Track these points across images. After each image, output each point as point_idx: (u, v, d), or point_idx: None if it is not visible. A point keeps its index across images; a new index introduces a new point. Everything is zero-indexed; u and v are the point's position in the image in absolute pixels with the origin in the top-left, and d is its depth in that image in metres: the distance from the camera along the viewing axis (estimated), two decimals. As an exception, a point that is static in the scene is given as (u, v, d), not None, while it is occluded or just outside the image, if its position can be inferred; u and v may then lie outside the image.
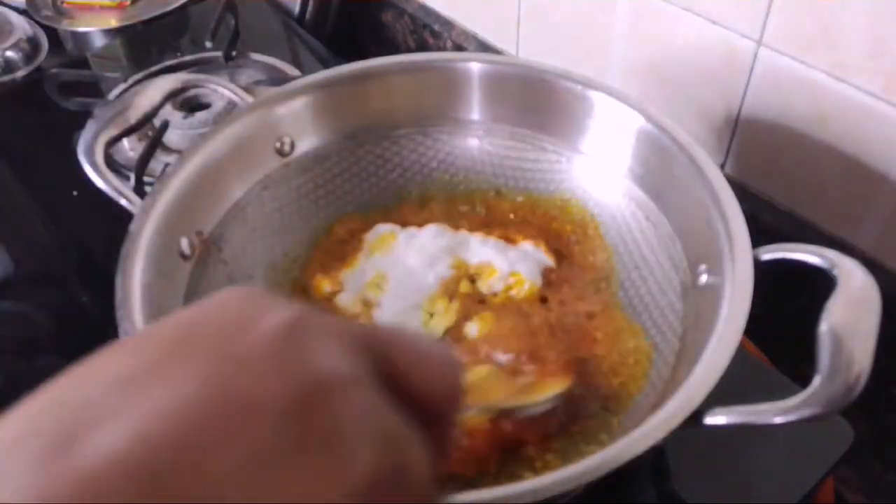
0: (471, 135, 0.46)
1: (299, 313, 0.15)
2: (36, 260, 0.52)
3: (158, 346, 0.14)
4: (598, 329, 0.39)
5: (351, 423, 0.14)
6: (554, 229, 0.44)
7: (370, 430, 0.14)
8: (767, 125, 0.44)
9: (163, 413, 0.13)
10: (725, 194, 0.35)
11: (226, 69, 0.65)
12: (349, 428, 0.14)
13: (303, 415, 0.14)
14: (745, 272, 0.32)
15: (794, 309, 0.35)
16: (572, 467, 0.26)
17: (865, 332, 0.28)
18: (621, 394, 0.36)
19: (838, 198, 0.42)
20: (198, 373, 0.13)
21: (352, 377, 0.15)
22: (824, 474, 0.35)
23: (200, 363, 0.14)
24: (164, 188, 0.38)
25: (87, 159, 0.39)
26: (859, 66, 0.38)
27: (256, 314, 0.15)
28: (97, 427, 0.13)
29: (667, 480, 0.36)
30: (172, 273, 0.37)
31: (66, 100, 0.61)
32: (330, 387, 0.14)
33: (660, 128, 0.39)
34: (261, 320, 0.15)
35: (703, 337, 0.31)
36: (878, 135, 0.39)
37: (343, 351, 0.15)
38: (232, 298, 0.16)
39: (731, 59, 0.43)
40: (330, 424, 0.14)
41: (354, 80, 0.44)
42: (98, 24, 0.72)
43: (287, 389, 0.14)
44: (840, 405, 0.27)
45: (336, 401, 0.14)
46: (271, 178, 0.44)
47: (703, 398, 0.28)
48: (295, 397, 0.14)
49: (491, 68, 0.44)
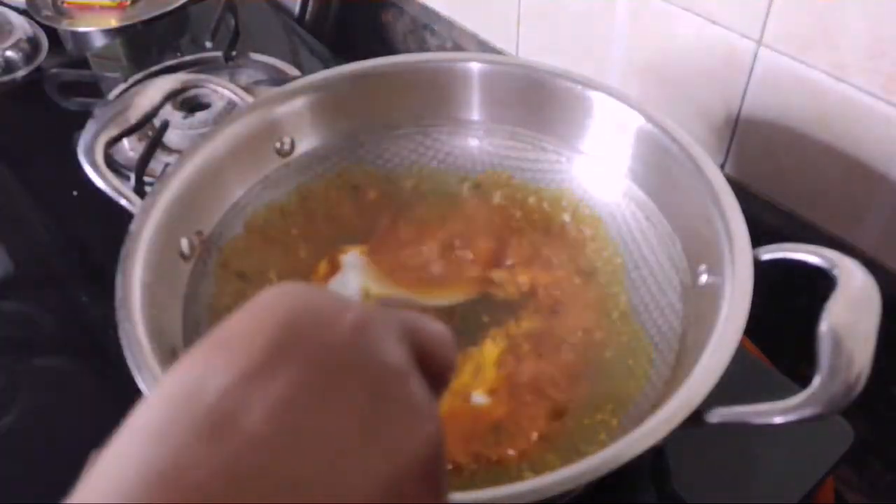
0: (471, 135, 0.46)
1: (364, 310, 0.18)
2: (36, 260, 0.52)
3: (265, 347, 0.17)
4: (597, 329, 0.39)
5: (416, 402, 0.17)
6: (555, 229, 0.44)
7: (429, 404, 0.18)
8: (767, 125, 0.44)
9: (285, 400, 0.16)
10: (725, 194, 0.35)
11: (226, 69, 0.65)
12: (417, 401, 0.17)
13: (384, 394, 0.17)
14: (745, 272, 0.32)
15: (794, 309, 0.35)
16: (573, 467, 0.26)
17: (865, 332, 0.28)
18: (621, 394, 0.36)
19: (838, 198, 0.42)
20: (303, 366, 0.16)
21: (407, 365, 0.18)
22: (824, 474, 0.35)
23: (305, 358, 0.17)
24: (164, 188, 0.38)
25: (87, 159, 0.39)
26: (859, 65, 0.38)
27: (334, 312, 0.18)
28: (238, 412, 0.15)
29: (667, 480, 0.36)
30: (172, 273, 0.37)
31: (66, 100, 0.61)
32: (395, 373, 0.17)
33: (660, 128, 0.39)
34: (340, 317, 0.18)
35: (703, 337, 0.31)
36: (878, 134, 0.39)
37: (397, 343, 0.18)
38: (308, 298, 0.18)
39: (730, 59, 0.43)
40: (402, 403, 0.17)
41: (354, 80, 0.44)
42: (98, 24, 0.72)
43: (370, 376, 0.17)
44: (840, 405, 0.27)
45: (401, 384, 0.17)
46: (271, 178, 0.44)
47: (703, 398, 0.28)
48: (377, 381, 0.17)
49: (491, 68, 0.44)
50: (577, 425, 0.35)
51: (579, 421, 0.35)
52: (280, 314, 0.17)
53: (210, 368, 0.16)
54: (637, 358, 0.37)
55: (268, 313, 0.17)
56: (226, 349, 0.17)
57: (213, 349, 0.17)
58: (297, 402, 0.16)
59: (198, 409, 0.15)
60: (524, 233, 0.44)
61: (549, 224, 0.44)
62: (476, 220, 0.45)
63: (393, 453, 0.16)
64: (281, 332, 0.17)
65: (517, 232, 0.44)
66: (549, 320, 0.39)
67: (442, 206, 0.46)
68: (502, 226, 0.44)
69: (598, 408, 0.35)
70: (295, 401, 0.16)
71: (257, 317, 0.17)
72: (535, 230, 0.44)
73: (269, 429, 0.15)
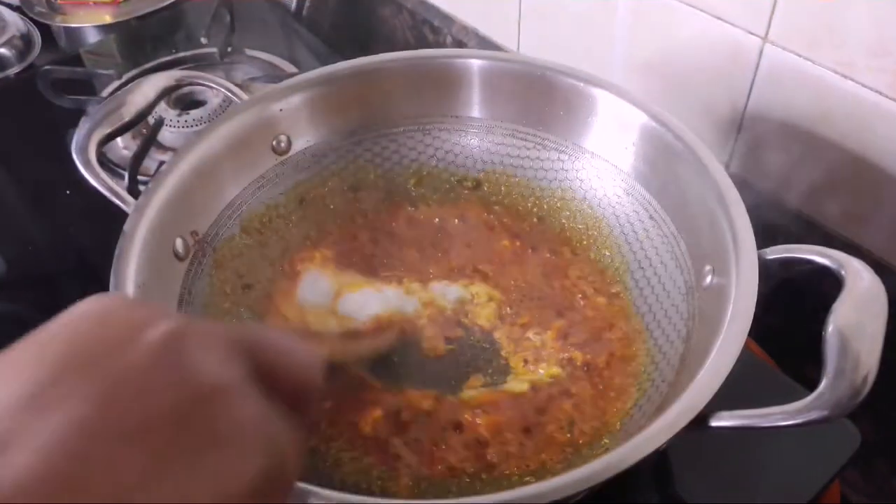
0: (471, 133, 0.46)
1: (175, 324, 0.16)
2: (28, 260, 0.51)
3: (44, 368, 0.15)
4: (601, 330, 0.38)
5: (238, 425, 0.16)
6: (556, 228, 0.43)
7: (255, 433, 0.16)
8: (773, 123, 0.43)
9: (65, 433, 0.14)
10: (730, 193, 0.34)
11: (221, 66, 0.65)
12: (237, 430, 0.16)
13: (193, 421, 0.15)
14: (750, 273, 0.31)
15: (800, 310, 0.35)
16: (577, 471, 0.26)
17: (872, 333, 0.28)
18: (625, 396, 0.35)
19: (845, 197, 0.42)
20: (91, 392, 0.15)
21: (234, 383, 0.16)
22: (830, 478, 0.35)
23: (93, 383, 0.15)
24: (159, 187, 0.37)
25: (81, 158, 0.38)
26: (865, 63, 0.37)
27: (136, 327, 0.16)
28: (8, 448, 0.14)
29: (670, 484, 0.36)
30: (167, 273, 0.36)
31: (60, 97, 0.60)
32: (214, 393, 0.16)
33: (664, 125, 0.38)
34: (142, 334, 0.16)
35: (707, 339, 0.31)
36: (884, 132, 0.38)
37: (221, 357, 0.17)
38: (107, 313, 0.17)
39: (736, 56, 0.43)
40: (220, 427, 0.16)
41: (352, 77, 0.44)
42: (92, 20, 0.71)
43: (175, 400, 0.15)
44: (846, 408, 0.26)
45: (222, 406, 0.16)
46: (267, 176, 0.43)
47: (707, 401, 0.27)
48: (183, 406, 0.15)
49: (491, 65, 0.44)
50: (579, 427, 0.34)
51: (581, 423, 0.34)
52: (78, 330, 0.16)
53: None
54: (641, 360, 0.36)
55: (66, 329, 0.16)
56: (14, 365, 0.16)
57: (5, 363, 0.16)
58: (76, 435, 0.14)
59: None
60: (524, 232, 0.43)
61: (550, 223, 0.44)
62: (476, 219, 0.45)
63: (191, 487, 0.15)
64: (72, 350, 0.16)
65: (517, 232, 0.43)
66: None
67: (441, 205, 0.45)
68: (503, 225, 0.44)
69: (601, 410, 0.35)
70: (72, 435, 0.14)
71: (55, 332, 0.16)
72: (536, 230, 0.43)
73: (40, 466, 0.14)
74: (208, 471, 0.15)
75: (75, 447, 0.14)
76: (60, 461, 0.14)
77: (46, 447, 0.14)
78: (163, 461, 0.15)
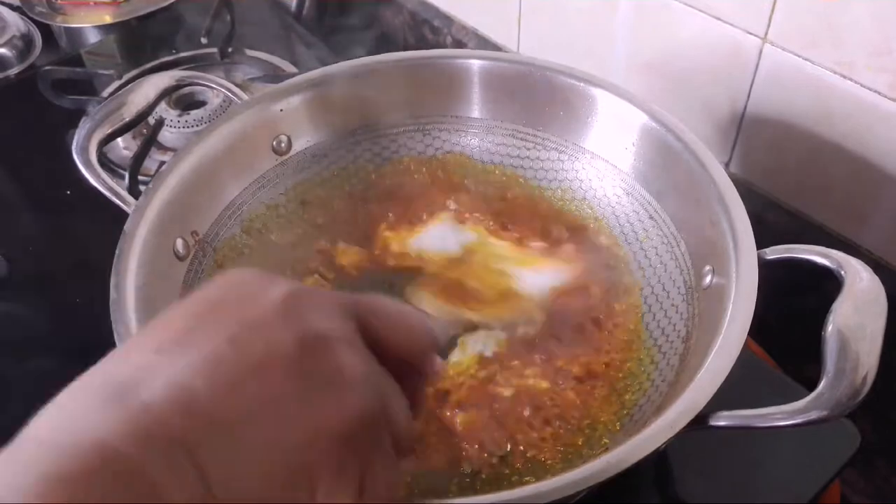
0: (471, 133, 0.46)
1: (296, 287, 0.19)
2: (29, 260, 0.51)
3: (186, 319, 0.18)
4: (601, 331, 0.38)
5: (346, 369, 0.18)
6: (556, 228, 0.43)
7: (360, 377, 0.18)
8: (773, 123, 0.43)
9: (196, 367, 0.17)
10: (730, 193, 0.34)
11: (221, 66, 0.65)
12: (345, 373, 0.18)
13: (306, 362, 0.18)
14: (750, 273, 0.31)
15: (800, 310, 0.35)
16: (577, 471, 0.26)
17: (872, 333, 0.28)
18: (625, 396, 0.35)
19: (844, 197, 0.42)
20: (220, 335, 0.17)
21: (341, 335, 0.19)
22: (830, 478, 0.35)
23: (222, 329, 0.18)
24: (159, 187, 0.37)
25: (81, 158, 0.38)
26: (865, 63, 0.37)
27: (261, 289, 0.19)
28: (147, 380, 0.16)
29: (670, 483, 0.36)
30: (167, 273, 0.36)
31: (60, 97, 0.60)
32: (326, 341, 0.18)
33: (664, 126, 0.38)
34: (267, 292, 0.19)
35: (707, 339, 0.31)
36: (884, 133, 0.38)
37: (333, 315, 0.19)
38: (239, 279, 0.20)
39: (736, 56, 0.43)
40: (329, 370, 0.18)
41: (352, 77, 0.44)
42: (92, 20, 0.71)
43: (293, 343, 0.18)
44: (846, 408, 0.26)
45: (332, 352, 0.18)
46: (268, 176, 0.43)
47: (707, 401, 0.27)
48: (299, 349, 0.18)
49: (491, 65, 0.44)
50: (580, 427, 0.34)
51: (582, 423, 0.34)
52: (215, 292, 0.19)
53: (134, 345, 0.18)
54: (641, 360, 0.36)
55: (206, 293, 0.19)
56: (151, 329, 0.18)
57: (143, 331, 0.19)
58: (208, 363, 0.17)
59: (109, 380, 0.17)
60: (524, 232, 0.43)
61: (550, 223, 0.44)
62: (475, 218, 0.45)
63: (298, 417, 0.17)
64: (203, 309, 0.18)
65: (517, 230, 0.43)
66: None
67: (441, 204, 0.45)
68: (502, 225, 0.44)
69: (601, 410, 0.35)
70: (205, 364, 0.17)
71: (189, 300, 0.19)
72: (536, 229, 0.43)
73: (162, 396, 0.16)
74: (313, 405, 0.17)
75: (206, 371, 0.17)
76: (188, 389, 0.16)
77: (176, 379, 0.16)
78: (277, 391, 0.17)
